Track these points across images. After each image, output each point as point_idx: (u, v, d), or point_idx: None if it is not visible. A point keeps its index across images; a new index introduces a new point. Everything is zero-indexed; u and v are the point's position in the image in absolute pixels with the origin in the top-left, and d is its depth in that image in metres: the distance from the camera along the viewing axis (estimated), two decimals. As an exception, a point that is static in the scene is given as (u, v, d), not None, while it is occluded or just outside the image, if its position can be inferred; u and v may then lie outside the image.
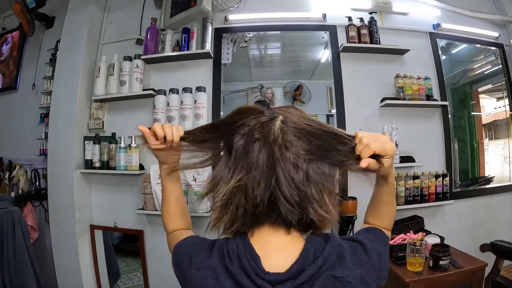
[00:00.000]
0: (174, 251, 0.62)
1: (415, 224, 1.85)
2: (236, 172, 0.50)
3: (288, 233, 0.53)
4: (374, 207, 0.69)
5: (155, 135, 0.64)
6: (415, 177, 1.92)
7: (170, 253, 0.71)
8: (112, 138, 1.98)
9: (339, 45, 2.02)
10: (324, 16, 2.06)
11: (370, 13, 2.07)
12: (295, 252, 0.51)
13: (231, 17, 2.06)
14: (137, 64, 1.97)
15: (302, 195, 0.49)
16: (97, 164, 1.97)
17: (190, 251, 0.57)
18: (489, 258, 1.67)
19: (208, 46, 1.98)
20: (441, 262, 1.45)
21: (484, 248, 1.76)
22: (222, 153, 0.55)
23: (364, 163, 0.51)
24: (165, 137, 0.63)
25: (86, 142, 2.01)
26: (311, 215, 0.50)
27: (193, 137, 0.60)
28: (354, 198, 1.79)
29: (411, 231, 1.74)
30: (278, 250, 0.52)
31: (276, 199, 0.49)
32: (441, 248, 1.48)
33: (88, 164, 1.99)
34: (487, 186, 2.30)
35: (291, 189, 0.48)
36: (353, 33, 2.00)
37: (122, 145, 1.92)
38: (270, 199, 0.49)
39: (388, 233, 0.68)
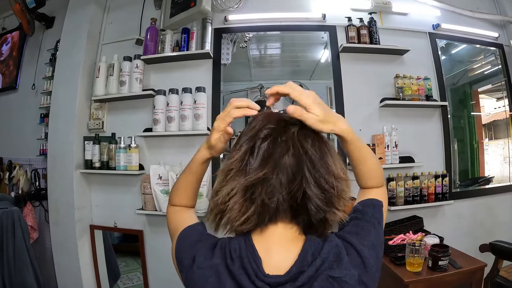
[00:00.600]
0: (177, 244, 0.61)
1: (415, 224, 1.85)
2: (261, 170, 0.51)
3: (298, 232, 0.54)
4: (353, 167, 0.70)
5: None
6: (414, 178, 1.92)
7: (167, 225, 0.70)
8: (112, 138, 1.99)
9: (339, 45, 2.02)
10: (324, 16, 2.06)
11: (370, 13, 2.07)
12: (294, 251, 0.51)
13: (231, 17, 2.06)
14: (136, 64, 1.97)
15: (327, 195, 0.51)
16: (97, 164, 1.97)
17: (193, 249, 0.57)
18: (489, 259, 1.67)
19: (208, 46, 1.98)
20: (440, 263, 1.45)
21: (483, 248, 1.76)
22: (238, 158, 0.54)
23: (289, 109, 0.54)
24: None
25: (86, 142, 2.01)
26: (332, 215, 0.53)
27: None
28: (353, 198, 1.78)
29: (411, 231, 1.74)
30: (279, 246, 0.52)
31: (306, 198, 0.51)
32: (440, 249, 1.48)
33: (88, 164, 1.99)
34: (487, 186, 2.30)
35: (318, 190, 0.51)
36: (352, 33, 2.00)
37: (122, 145, 1.92)
38: (299, 198, 0.51)
39: (380, 191, 0.69)
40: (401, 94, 1.96)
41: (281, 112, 0.58)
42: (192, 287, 0.53)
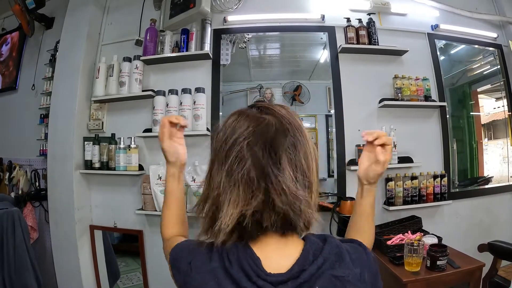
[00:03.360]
0: (172, 255, 0.61)
1: (413, 224, 1.85)
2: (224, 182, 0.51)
3: (286, 236, 0.53)
4: (357, 223, 0.73)
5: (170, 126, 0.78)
6: (413, 178, 1.92)
7: (166, 259, 0.69)
8: (112, 139, 1.99)
9: (338, 46, 2.02)
10: (323, 17, 2.06)
11: (369, 14, 2.07)
12: (295, 253, 0.51)
13: (230, 18, 2.06)
14: (136, 65, 1.98)
15: (296, 199, 0.49)
16: (97, 165, 1.98)
17: (189, 255, 0.56)
18: (487, 258, 1.68)
19: (207, 47, 1.99)
20: (438, 262, 1.45)
21: (482, 248, 1.76)
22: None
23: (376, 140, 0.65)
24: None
25: (85, 142, 2.01)
26: (306, 218, 0.51)
27: None
28: (352, 199, 1.79)
29: (409, 231, 1.74)
30: (277, 251, 0.52)
31: (273, 206, 0.49)
32: (439, 248, 1.48)
33: (88, 164, 1.99)
34: (486, 186, 2.30)
35: (286, 195, 0.48)
36: (351, 34, 2.01)
37: (122, 145, 1.93)
38: (266, 207, 0.49)
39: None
40: (399, 94, 1.96)
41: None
42: None
